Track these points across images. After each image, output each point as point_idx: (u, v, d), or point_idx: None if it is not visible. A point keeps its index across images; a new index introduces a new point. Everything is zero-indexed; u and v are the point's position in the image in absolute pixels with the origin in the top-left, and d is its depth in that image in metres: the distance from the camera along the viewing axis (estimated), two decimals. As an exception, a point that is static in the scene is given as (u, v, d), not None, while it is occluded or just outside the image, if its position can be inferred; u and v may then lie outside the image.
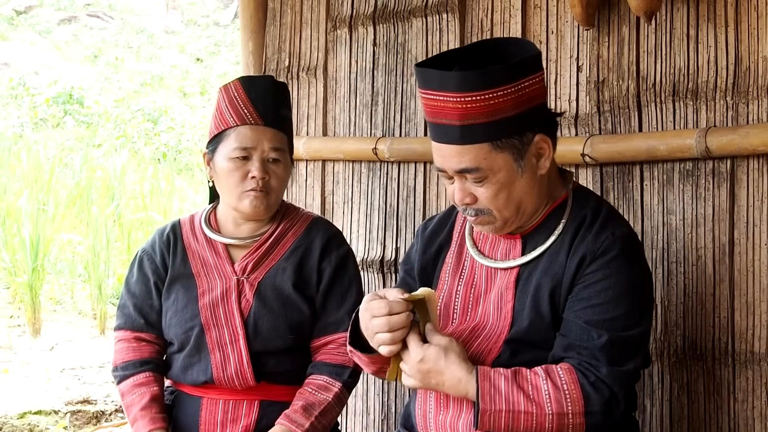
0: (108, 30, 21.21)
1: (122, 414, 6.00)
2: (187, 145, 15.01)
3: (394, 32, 3.95)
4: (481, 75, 2.45)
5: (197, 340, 3.13)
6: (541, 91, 2.56)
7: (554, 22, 3.47)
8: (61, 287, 9.24)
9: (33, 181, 10.27)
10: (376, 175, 4.02)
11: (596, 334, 2.46)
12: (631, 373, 2.49)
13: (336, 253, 3.22)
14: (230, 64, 19.11)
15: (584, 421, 2.44)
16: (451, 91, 2.46)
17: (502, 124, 2.48)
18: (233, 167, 3.10)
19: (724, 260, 3.04)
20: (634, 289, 2.53)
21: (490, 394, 2.44)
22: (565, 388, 2.43)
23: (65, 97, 16.19)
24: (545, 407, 2.43)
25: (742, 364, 3.01)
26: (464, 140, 2.49)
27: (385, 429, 3.99)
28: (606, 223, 2.58)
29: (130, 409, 3.12)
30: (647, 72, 3.24)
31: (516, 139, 2.50)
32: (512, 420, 2.44)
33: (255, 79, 3.48)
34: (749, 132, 2.93)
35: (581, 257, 2.53)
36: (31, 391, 6.45)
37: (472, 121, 2.47)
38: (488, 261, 2.69)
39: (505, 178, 2.53)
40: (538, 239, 2.63)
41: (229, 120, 3.12)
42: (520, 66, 2.49)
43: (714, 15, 3.09)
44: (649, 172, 3.22)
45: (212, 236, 3.22)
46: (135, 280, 3.26)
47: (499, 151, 2.50)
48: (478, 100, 2.45)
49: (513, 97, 2.47)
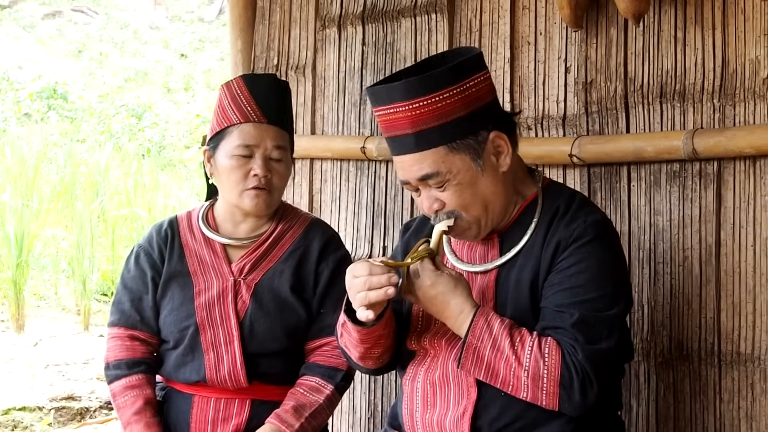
0: (92, 25, 21.11)
1: (107, 411, 6.00)
2: (171, 141, 14.97)
3: (383, 32, 3.95)
4: (425, 79, 2.50)
5: (192, 340, 3.12)
6: (488, 89, 2.60)
7: (543, 24, 3.48)
8: (45, 283, 9.21)
9: (17, 176, 10.22)
10: (364, 174, 4.03)
11: (568, 315, 2.48)
12: (605, 352, 2.47)
13: (333, 256, 3.21)
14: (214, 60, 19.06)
15: (558, 391, 2.44)
16: (400, 101, 2.51)
17: (454, 124, 2.52)
18: (236, 164, 3.09)
19: (711, 261, 3.06)
20: (606, 273, 2.54)
21: (482, 330, 2.48)
22: (547, 353, 2.45)
23: (49, 92, 16.11)
24: (524, 362, 2.45)
25: (728, 365, 3.03)
26: (419, 147, 2.53)
27: (372, 428, 4.00)
28: (578, 211, 2.61)
29: (123, 410, 3.12)
30: (635, 74, 3.26)
31: (471, 139, 2.55)
32: (494, 361, 2.47)
33: (258, 77, 3.48)
34: (736, 134, 2.95)
35: (555, 246, 2.56)
36: (15, 387, 6.42)
37: (424, 126, 2.51)
38: (466, 266, 2.72)
39: (466, 178, 2.56)
40: (514, 237, 2.66)
41: (231, 117, 3.11)
42: (461, 67, 2.53)
43: (701, 18, 3.10)
44: (637, 173, 3.24)
45: (210, 235, 3.21)
46: (131, 276, 3.24)
47: (455, 152, 2.53)
48: (427, 104, 2.50)
49: (461, 97, 2.52)
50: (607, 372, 2.51)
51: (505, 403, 2.54)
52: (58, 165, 11.75)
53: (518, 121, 3.50)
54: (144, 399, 3.12)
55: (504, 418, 2.56)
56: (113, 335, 3.22)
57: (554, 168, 3.42)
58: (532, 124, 3.50)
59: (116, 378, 3.16)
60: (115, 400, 3.16)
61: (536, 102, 3.50)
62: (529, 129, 3.50)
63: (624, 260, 2.68)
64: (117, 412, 3.15)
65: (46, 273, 9.27)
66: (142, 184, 11.06)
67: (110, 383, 3.18)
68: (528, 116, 3.50)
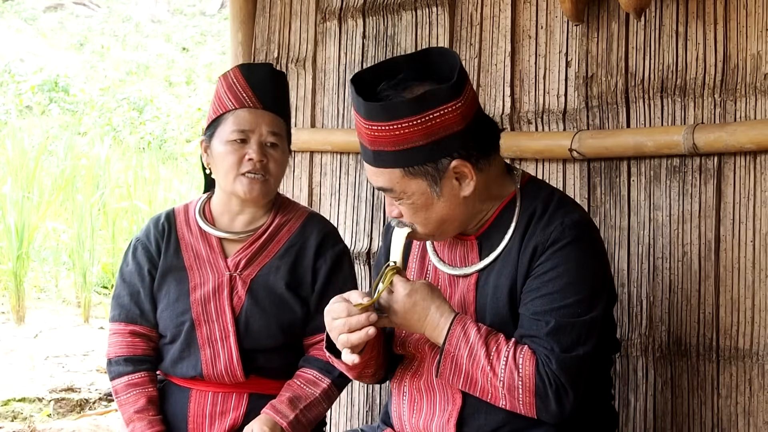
0: (94, 18, 21.12)
1: (106, 402, 6.01)
2: (173, 135, 14.97)
3: (384, 25, 3.95)
4: (383, 108, 2.44)
5: (188, 335, 3.11)
6: (455, 120, 2.46)
7: (544, 17, 3.48)
8: (45, 275, 9.21)
9: (18, 168, 10.22)
10: (363, 168, 4.01)
11: (544, 322, 2.45)
12: (580, 358, 2.45)
13: (332, 251, 3.20)
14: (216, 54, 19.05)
15: (534, 402, 2.43)
16: (363, 117, 2.48)
17: (412, 152, 2.46)
18: (230, 149, 3.07)
19: (710, 256, 3.06)
20: (585, 276, 2.49)
21: (458, 338, 2.46)
22: (521, 363, 2.42)
23: (50, 85, 16.11)
24: (498, 374, 2.43)
25: (726, 360, 3.03)
26: (377, 164, 2.51)
27: (370, 420, 4.00)
28: (555, 212, 2.55)
29: (125, 407, 3.12)
30: (636, 68, 3.25)
31: (429, 166, 2.48)
32: (471, 371, 2.46)
33: (254, 66, 3.47)
34: (736, 129, 2.95)
35: (532, 250, 2.52)
36: (15, 378, 6.42)
37: (381, 147, 2.47)
38: (448, 268, 2.68)
39: (421, 201, 2.52)
40: (493, 240, 2.61)
41: (227, 104, 3.10)
42: (424, 99, 2.43)
43: (703, 12, 3.10)
44: (637, 167, 3.23)
45: (206, 229, 3.20)
46: (129, 270, 3.23)
47: (411, 177, 2.48)
48: (384, 129, 2.44)
49: (421, 128, 2.43)
50: (584, 377, 2.48)
51: (490, 409, 2.53)
52: (59, 158, 11.75)
53: (518, 115, 3.50)
54: (147, 397, 3.12)
55: (490, 424, 2.54)
56: (114, 331, 3.22)
57: (554, 162, 3.42)
58: (532, 118, 3.49)
59: (119, 375, 3.16)
60: (117, 396, 3.16)
61: (537, 96, 3.49)
62: (530, 123, 3.50)
63: (604, 259, 2.62)
64: (119, 409, 3.15)
65: (47, 265, 9.27)
66: (143, 178, 11.05)
67: (113, 380, 3.18)
68: (528, 110, 3.50)
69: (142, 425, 3.07)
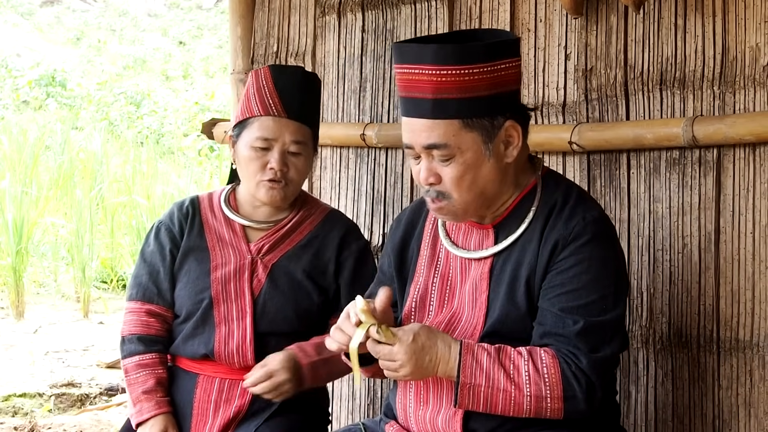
0: (91, 12, 21.10)
1: (106, 397, 6.02)
2: (170, 129, 14.97)
3: (383, 19, 3.95)
4: (459, 49, 2.45)
5: (204, 312, 3.16)
6: (515, 77, 2.55)
7: (543, 10, 3.48)
8: (44, 270, 9.23)
9: (16, 163, 10.23)
10: (363, 161, 4.03)
11: (572, 321, 2.46)
12: (608, 358, 2.48)
13: (356, 244, 3.28)
14: (213, 48, 19.06)
15: (562, 406, 2.44)
16: (426, 64, 2.46)
17: (475, 102, 2.47)
18: (253, 156, 3.14)
19: (710, 248, 3.07)
20: (608, 272, 2.51)
21: (472, 368, 2.45)
22: (545, 372, 2.43)
23: (48, 80, 16.12)
24: (524, 388, 2.43)
25: (726, 352, 3.04)
26: (435, 114, 2.48)
27: (371, 414, 4.01)
28: (576, 207, 2.57)
29: (133, 387, 3.16)
30: (635, 61, 3.26)
31: (487, 121, 2.50)
32: (491, 396, 2.45)
33: (285, 69, 3.47)
34: (736, 121, 2.95)
35: (554, 244, 2.52)
36: (15, 373, 6.44)
37: (445, 95, 2.46)
38: (461, 252, 2.68)
39: (472, 159, 2.51)
40: (510, 228, 2.62)
41: (254, 108, 3.15)
42: (497, 47, 2.49)
43: (702, 5, 3.10)
44: (636, 160, 3.24)
45: (231, 216, 3.27)
46: (151, 250, 3.29)
47: (468, 129, 2.49)
48: (453, 74, 2.44)
49: (488, 77, 2.47)
50: (610, 374, 2.51)
51: None
52: (56, 152, 11.75)
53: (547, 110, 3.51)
54: (156, 378, 3.16)
55: (497, 417, 2.53)
56: (130, 309, 3.26)
57: (554, 155, 3.42)
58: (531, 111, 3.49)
59: (130, 354, 3.20)
60: (126, 375, 3.19)
61: (536, 89, 3.50)
62: (529, 116, 3.50)
63: (623, 257, 2.66)
64: (127, 388, 3.19)
65: (46, 260, 9.29)
66: (141, 172, 11.06)
67: (124, 358, 3.22)
68: (528, 103, 3.50)
69: (149, 405, 3.11)
